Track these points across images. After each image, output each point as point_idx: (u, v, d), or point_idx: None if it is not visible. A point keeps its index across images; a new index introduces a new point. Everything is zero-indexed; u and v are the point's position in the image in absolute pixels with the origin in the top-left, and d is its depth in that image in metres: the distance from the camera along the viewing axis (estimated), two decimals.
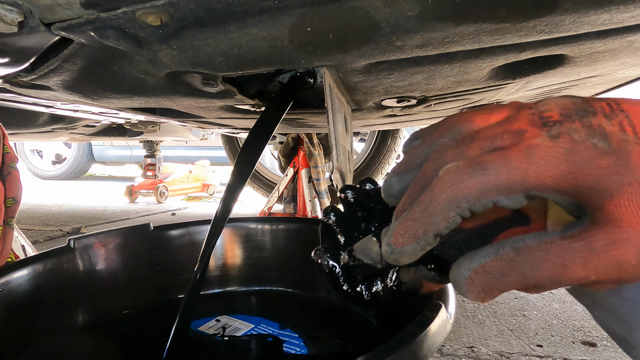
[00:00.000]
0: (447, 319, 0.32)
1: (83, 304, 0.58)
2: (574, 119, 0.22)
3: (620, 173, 0.20)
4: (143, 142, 2.84)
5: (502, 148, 0.23)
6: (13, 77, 0.51)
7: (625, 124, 0.22)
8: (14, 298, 0.50)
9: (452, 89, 0.63)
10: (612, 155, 0.21)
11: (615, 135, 0.21)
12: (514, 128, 0.23)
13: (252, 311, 0.65)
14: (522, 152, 0.22)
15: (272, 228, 0.73)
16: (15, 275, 0.51)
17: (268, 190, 2.49)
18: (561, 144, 0.21)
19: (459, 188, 0.23)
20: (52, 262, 0.55)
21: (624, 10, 0.35)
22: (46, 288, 0.54)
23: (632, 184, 0.20)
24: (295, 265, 0.69)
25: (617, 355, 0.77)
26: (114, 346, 0.55)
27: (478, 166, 0.22)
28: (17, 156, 0.57)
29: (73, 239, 0.58)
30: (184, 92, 0.60)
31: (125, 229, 0.65)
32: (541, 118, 0.23)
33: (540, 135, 0.22)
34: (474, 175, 0.22)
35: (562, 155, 0.21)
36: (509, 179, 0.22)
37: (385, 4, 0.33)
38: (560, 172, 0.21)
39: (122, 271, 0.63)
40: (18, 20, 0.34)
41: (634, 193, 0.20)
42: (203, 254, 0.50)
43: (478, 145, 0.24)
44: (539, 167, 0.21)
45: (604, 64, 0.55)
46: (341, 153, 0.53)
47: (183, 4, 0.33)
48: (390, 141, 2.18)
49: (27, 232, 1.79)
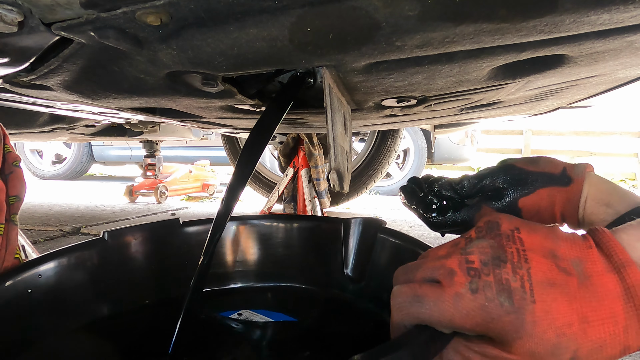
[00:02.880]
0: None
1: (113, 292, 0.62)
2: (490, 270, 0.30)
3: (517, 330, 0.28)
4: (143, 142, 2.84)
5: (437, 281, 0.31)
6: (13, 77, 0.51)
7: (526, 279, 0.29)
8: (50, 285, 0.55)
9: (452, 89, 0.63)
10: (513, 315, 0.28)
11: (517, 293, 0.29)
12: (447, 265, 0.31)
13: (270, 306, 0.68)
14: (451, 298, 0.29)
15: (294, 226, 0.75)
16: (51, 264, 0.56)
17: (268, 190, 2.49)
18: (478, 300, 0.29)
19: (403, 313, 0.32)
20: (85, 253, 0.60)
21: (624, 10, 0.35)
22: (79, 277, 0.58)
23: (522, 338, 0.28)
24: (311, 263, 0.71)
25: None
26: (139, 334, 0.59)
27: (417, 297, 0.31)
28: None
29: (106, 232, 0.63)
30: (184, 92, 0.60)
31: (154, 223, 0.69)
32: (467, 262, 0.31)
33: (465, 284, 0.30)
34: (412, 305, 0.31)
35: (478, 310, 0.29)
36: (440, 319, 0.30)
37: (385, 4, 0.33)
38: (477, 322, 0.29)
39: (151, 263, 0.67)
40: (18, 20, 0.34)
41: (523, 344, 0.28)
42: (205, 252, 0.50)
43: (421, 274, 0.33)
44: (462, 316, 0.29)
45: (604, 64, 0.55)
46: (339, 153, 0.53)
47: (183, 4, 0.33)
48: (390, 141, 2.18)
49: (27, 232, 1.79)
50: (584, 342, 0.28)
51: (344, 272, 0.66)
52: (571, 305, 0.28)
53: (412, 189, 0.53)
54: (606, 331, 0.28)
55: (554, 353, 0.28)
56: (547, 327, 0.28)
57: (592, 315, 0.28)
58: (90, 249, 0.61)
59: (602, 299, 0.28)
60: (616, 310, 0.28)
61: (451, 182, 0.51)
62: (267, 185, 2.53)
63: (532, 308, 0.28)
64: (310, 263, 0.71)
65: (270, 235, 0.75)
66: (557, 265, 0.30)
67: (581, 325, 0.28)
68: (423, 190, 0.52)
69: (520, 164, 0.47)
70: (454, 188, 0.51)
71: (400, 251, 0.61)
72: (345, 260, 0.66)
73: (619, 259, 0.29)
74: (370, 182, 2.25)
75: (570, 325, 0.28)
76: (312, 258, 0.71)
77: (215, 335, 0.59)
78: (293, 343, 0.57)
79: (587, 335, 0.28)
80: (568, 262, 0.30)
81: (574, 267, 0.30)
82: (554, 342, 0.28)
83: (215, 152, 4.70)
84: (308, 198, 1.83)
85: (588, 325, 0.28)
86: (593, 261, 0.30)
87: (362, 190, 2.27)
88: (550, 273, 0.29)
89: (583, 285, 0.29)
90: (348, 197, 2.29)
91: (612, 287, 0.29)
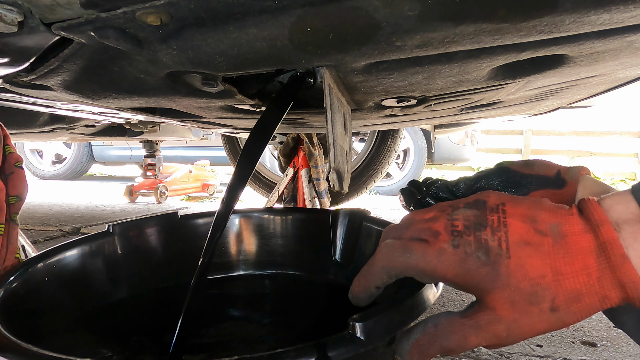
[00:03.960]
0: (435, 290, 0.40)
1: (123, 278, 0.65)
2: (471, 232, 0.33)
3: (493, 279, 0.32)
4: (143, 142, 2.84)
5: (424, 240, 0.35)
6: (13, 77, 0.51)
7: (503, 240, 0.32)
8: (64, 274, 0.57)
9: (452, 89, 0.63)
10: (489, 267, 0.32)
11: (494, 250, 0.32)
12: (434, 228, 0.35)
13: (268, 292, 0.75)
14: (435, 252, 0.33)
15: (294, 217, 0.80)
16: (66, 254, 0.58)
17: (268, 190, 2.49)
18: (458, 254, 0.33)
19: (391, 261, 0.35)
20: (95, 244, 0.63)
21: (624, 10, 0.35)
22: (90, 267, 0.61)
23: (499, 288, 0.31)
24: (306, 252, 0.76)
25: (617, 355, 0.77)
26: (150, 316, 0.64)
27: (407, 249, 0.34)
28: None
29: (111, 225, 0.66)
30: (184, 92, 0.60)
31: (156, 216, 0.74)
32: (452, 226, 0.34)
33: (448, 241, 0.33)
34: (402, 255, 0.35)
35: (458, 262, 0.33)
36: (425, 268, 0.34)
37: (385, 4, 0.33)
38: (456, 273, 0.33)
39: (153, 255, 0.71)
40: (18, 20, 0.34)
41: (501, 293, 0.31)
42: (205, 252, 0.51)
43: (410, 233, 0.36)
44: (444, 267, 0.33)
45: (604, 64, 0.55)
46: (339, 153, 0.53)
47: (183, 4, 0.33)
48: (390, 141, 2.18)
49: (27, 232, 1.79)
50: (560, 291, 0.31)
51: (332, 258, 0.72)
52: (544, 260, 0.31)
53: (410, 191, 0.55)
54: (580, 282, 0.30)
55: (532, 302, 0.31)
56: (522, 279, 0.31)
57: (565, 268, 0.31)
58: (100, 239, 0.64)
59: (575, 254, 0.31)
60: (589, 263, 0.30)
61: (448, 183, 0.53)
62: (267, 185, 2.53)
63: (507, 262, 0.31)
64: (304, 251, 0.77)
65: (266, 226, 0.80)
66: (534, 229, 0.32)
67: (555, 277, 0.31)
68: (421, 192, 0.54)
69: (516, 167, 0.49)
70: (450, 189, 0.52)
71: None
72: (334, 247, 0.72)
73: (595, 219, 0.31)
74: (370, 182, 2.25)
75: (543, 276, 0.31)
76: (305, 246, 0.77)
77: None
78: (292, 317, 0.63)
79: (561, 285, 0.31)
80: (546, 225, 0.32)
81: (551, 230, 0.32)
82: (529, 291, 0.31)
83: (215, 152, 4.70)
84: (308, 198, 1.83)
85: (562, 276, 0.31)
86: (572, 224, 0.32)
87: (362, 190, 2.27)
88: (526, 235, 0.32)
89: (557, 244, 0.32)
90: (348, 197, 2.29)
91: (587, 245, 0.31)
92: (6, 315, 0.42)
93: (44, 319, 0.51)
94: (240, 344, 0.69)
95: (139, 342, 0.62)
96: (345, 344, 0.31)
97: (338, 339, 0.31)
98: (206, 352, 0.65)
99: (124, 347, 0.59)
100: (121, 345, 0.59)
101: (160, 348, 0.61)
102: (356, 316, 0.32)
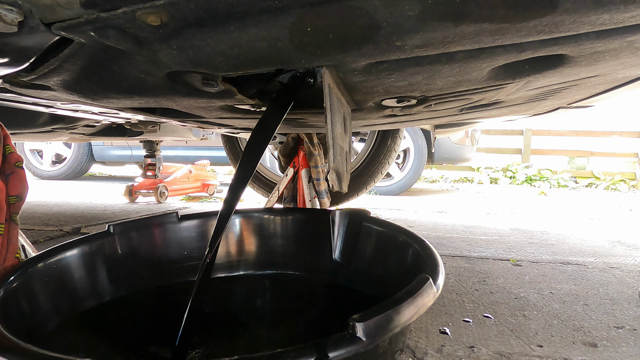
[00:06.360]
0: (435, 290, 0.40)
1: (122, 278, 0.66)
2: None
3: None
4: (143, 142, 2.84)
5: None
6: (13, 77, 0.51)
7: None
8: (64, 273, 0.58)
9: (452, 89, 0.63)
10: None
11: None
12: None
13: (268, 292, 0.76)
14: None
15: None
16: (66, 254, 0.59)
17: (268, 190, 2.49)
18: None
19: None
20: (95, 244, 0.64)
21: (624, 10, 0.35)
22: (90, 267, 0.62)
23: None
24: (306, 252, 0.77)
25: (617, 355, 0.77)
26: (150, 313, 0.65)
27: None
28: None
29: (112, 225, 0.67)
30: (184, 92, 0.60)
31: (156, 216, 0.75)
32: None
33: None
34: None
35: None
36: None
37: (385, 4, 0.33)
38: None
39: (153, 254, 0.72)
40: (18, 20, 0.34)
41: None
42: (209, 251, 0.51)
43: None
44: None
45: (604, 64, 0.55)
46: (338, 154, 0.53)
47: (183, 4, 0.33)
48: (390, 141, 2.18)
49: (27, 232, 1.79)
50: None
51: (332, 258, 0.72)
52: None
53: None
54: None
55: None
56: None
57: None
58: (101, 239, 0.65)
59: None
60: None
61: None
62: (267, 185, 2.53)
63: None
64: (303, 251, 0.77)
65: (266, 226, 0.80)
66: None
67: None
68: None
69: None
70: None
71: (383, 237, 0.66)
72: (334, 247, 0.72)
73: None
74: (370, 182, 2.25)
75: None
76: (305, 247, 0.77)
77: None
78: (292, 317, 0.63)
79: None
80: None
81: None
82: None
83: (215, 152, 4.70)
84: (308, 198, 1.83)
85: None
86: None
87: (362, 190, 2.27)
88: None
89: None
90: (348, 197, 2.29)
91: None
92: (6, 315, 0.42)
93: (44, 318, 0.51)
94: (240, 344, 0.69)
95: (139, 342, 0.62)
96: (345, 344, 0.31)
97: (338, 339, 0.31)
98: (206, 352, 0.65)
99: (125, 346, 0.59)
100: (122, 344, 0.59)
101: (161, 347, 0.61)
102: (356, 316, 0.32)
